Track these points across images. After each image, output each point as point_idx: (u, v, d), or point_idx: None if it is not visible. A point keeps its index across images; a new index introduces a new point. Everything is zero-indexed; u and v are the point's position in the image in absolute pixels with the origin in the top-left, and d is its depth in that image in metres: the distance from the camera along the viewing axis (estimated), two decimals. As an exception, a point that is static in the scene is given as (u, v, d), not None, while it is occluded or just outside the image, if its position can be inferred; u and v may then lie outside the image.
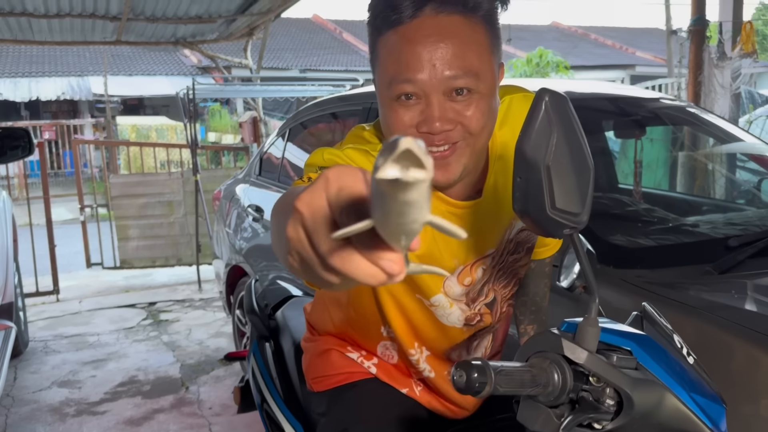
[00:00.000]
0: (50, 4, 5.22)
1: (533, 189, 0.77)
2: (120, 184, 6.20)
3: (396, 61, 0.93)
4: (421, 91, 0.93)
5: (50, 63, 16.39)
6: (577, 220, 0.79)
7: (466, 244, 1.10)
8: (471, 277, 1.14)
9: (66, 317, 4.99)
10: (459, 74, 0.93)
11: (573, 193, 0.77)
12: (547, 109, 0.76)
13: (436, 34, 0.92)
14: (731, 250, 1.83)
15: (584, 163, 0.78)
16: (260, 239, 3.40)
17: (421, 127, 0.94)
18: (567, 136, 0.77)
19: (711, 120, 2.80)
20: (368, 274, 0.45)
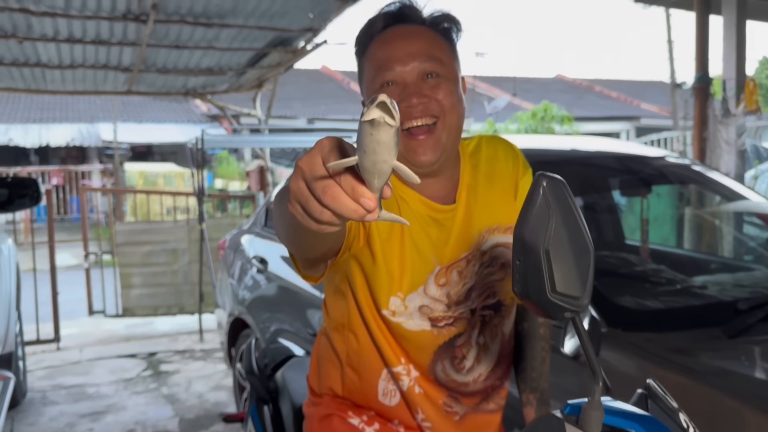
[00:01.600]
0: (64, 55, 5.34)
1: (533, 272, 0.76)
2: (125, 231, 6.22)
3: (376, 59, 1.17)
4: (399, 77, 1.15)
5: (61, 110, 16.67)
6: (578, 304, 0.78)
7: (442, 247, 1.21)
8: (446, 278, 1.22)
9: (66, 367, 4.94)
10: (426, 60, 1.15)
11: (573, 276, 0.77)
12: (545, 194, 0.76)
13: (404, 36, 1.17)
14: (741, 314, 1.80)
15: (584, 245, 0.78)
16: (263, 290, 3.38)
17: (401, 104, 1.12)
18: (565, 219, 0.76)
19: (716, 178, 2.80)
20: (350, 209, 0.62)
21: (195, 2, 4.26)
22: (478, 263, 1.25)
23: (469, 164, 1.28)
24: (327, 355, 1.37)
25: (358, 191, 0.61)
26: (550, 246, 0.75)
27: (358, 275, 1.20)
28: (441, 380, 1.26)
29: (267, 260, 3.36)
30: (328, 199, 0.62)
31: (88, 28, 4.68)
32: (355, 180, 0.62)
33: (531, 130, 10.62)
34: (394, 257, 1.18)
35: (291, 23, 4.83)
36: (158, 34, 4.81)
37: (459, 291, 1.23)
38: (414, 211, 1.20)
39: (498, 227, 1.27)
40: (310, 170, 0.65)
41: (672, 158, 3.05)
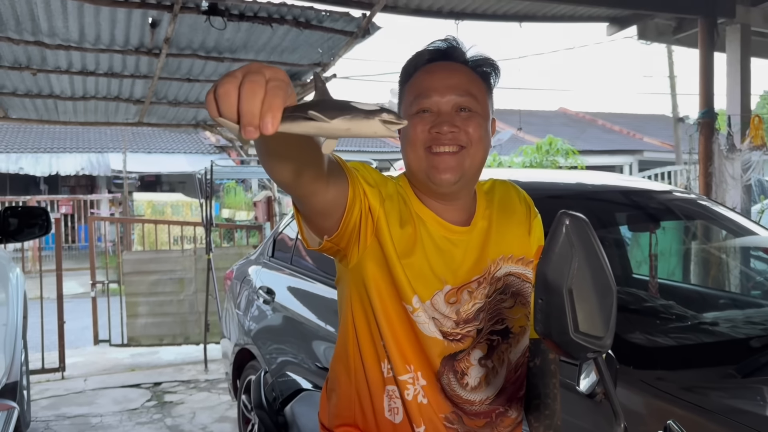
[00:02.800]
0: (77, 87, 5.42)
1: (555, 311, 0.76)
2: (132, 260, 6.24)
3: (417, 86, 1.24)
4: (435, 106, 1.22)
5: (72, 139, 16.83)
6: (600, 344, 0.78)
7: (456, 269, 1.26)
8: (456, 297, 1.26)
9: (70, 396, 4.91)
10: (462, 95, 1.22)
11: (596, 316, 0.77)
12: (567, 232, 0.77)
13: (446, 70, 1.25)
14: (754, 352, 1.78)
15: (607, 285, 0.78)
16: (270, 321, 3.37)
17: (433, 130, 1.20)
18: (588, 258, 0.77)
19: (723, 213, 2.80)
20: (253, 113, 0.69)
21: (207, 37, 4.34)
22: (491, 288, 1.29)
23: (485, 199, 1.35)
24: (334, 386, 1.39)
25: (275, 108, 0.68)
26: (573, 285, 0.75)
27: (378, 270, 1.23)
28: (447, 392, 1.28)
29: (274, 291, 3.36)
30: (246, 91, 0.68)
31: (101, 61, 4.76)
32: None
33: (536, 163, 10.66)
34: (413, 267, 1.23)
35: (301, 58, 4.91)
36: (170, 67, 4.89)
37: (468, 310, 1.27)
38: (430, 231, 1.25)
39: (512, 257, 1.32)
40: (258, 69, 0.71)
41: (678, 193, 3.06)
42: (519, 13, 5.50)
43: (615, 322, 0.79)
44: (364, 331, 1.29)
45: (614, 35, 5.50)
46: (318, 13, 4.14)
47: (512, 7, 5.38)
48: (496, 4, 5.31)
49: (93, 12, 3.91)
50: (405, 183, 1.30)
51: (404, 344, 1.27)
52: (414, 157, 1.23)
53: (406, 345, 1.27)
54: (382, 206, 1.20)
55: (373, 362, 1.30)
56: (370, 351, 1.29)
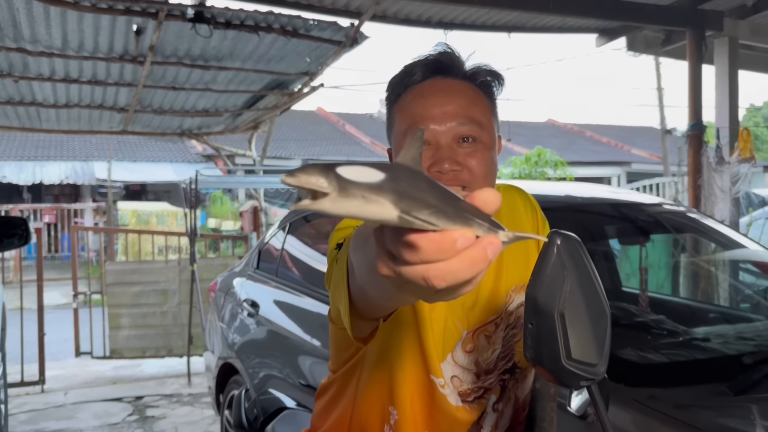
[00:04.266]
0: (60, 94, 5.34)
1: (546, 337, 0.71)
2: (115, 271, 6.14)
3: (410, 114, 1.07)
4: (433, 137, 1.05)
5: (56, 147, 16.67)
6: (594, 371, 0.73)
7: (468, 310, 1.12)
8: (473, 344, 1.13)
9: (49, 410, 4.80)
10: (465, 122, 1.05)
11: (589, 341, 0.72)
12: (559, 253, 0.72)
13: (444, 91, 1.07)
14: (746, 369, 1.75)
15: (600, 308, 0.73)
16: (254, 335, 3.31)
17: (432, 168, 1.04)
18: (581, 280, 0.72)
19: (712, 226, 2.78)
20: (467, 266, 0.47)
21: (193, 45, 4.29)
22: (503, 324, 1.16)
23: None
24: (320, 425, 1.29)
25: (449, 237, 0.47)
26: (565, 309, 0.70)
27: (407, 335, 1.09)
28: None
29: (258, 304, 3.30)
30: (437, 281, 0.48)
31: (84, 68, 4.69)
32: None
33: (525, 175, 10.67)
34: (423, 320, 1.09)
35: (288, 67, 4.86)
36: (155, 75, 4.82)
37: (488, 358, 1.14)
38: None
39: (524, 285, 1.20)
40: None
41: (667, 205, 3.04)
42: (508, 24, 5.49)
43: (609, 347, 0.73)
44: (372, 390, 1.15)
45: (603, 47, 5.51)
46: (306, 22, 4.10)
47: (501, 17, 5.38)
48: (486, 14, 5.30)
49: (76, 18, 3.85)
50: None
51: (421, 418, 1.13)
52: None
53: (423, 419, 1.13)
54: None
55: (375, 421, 1.16)
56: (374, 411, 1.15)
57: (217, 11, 3.89)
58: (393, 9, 5.21)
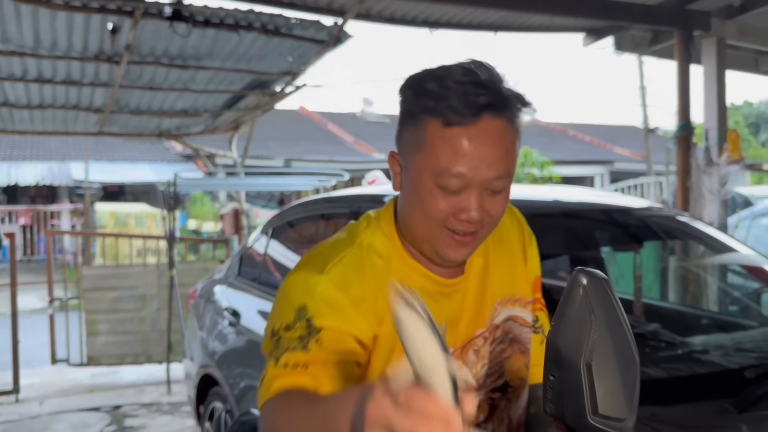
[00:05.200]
0: (33, 95, 5.19)
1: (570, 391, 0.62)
2: (93, 276, 5.98)
3: (452, 156, 0.98)
4: (466, 184, 0.99)
5: (32, 148, 16.35)
6: (622, 426, 0.64)
7: (454, 326, 1.09)
8: (462, 360, 1.10)
9: (23, 422, 4.65)
10: (502, 175, 1.00)
11: (618, 394, 0.63)
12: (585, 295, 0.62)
13: (490, 138, 0.98)
14: (749, 383, 1.69)
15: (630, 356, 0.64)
16: (235, 344, 3.21)
17: (459, 215, 1.00)
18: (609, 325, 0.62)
19: (702, 229, 2.73)
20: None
21: (171, 44, 4.17)
22: (491, 338, 1.14)
23: None
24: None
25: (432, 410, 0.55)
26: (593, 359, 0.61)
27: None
28: None
29: (240, 313, 3.20)
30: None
31: (58, 69, 4.55)
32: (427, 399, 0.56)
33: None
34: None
35: (269, 66, 4.75)
36: (132, 75, 4.70)
37: (478, 373, 1.12)
38: (421, 286, 1.05)
39: (510, 298, 1.17)
40: (384, 417, 0.59)
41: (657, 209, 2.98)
42: (494, 23, 5.42)
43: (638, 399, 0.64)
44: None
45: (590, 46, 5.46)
46: (287, 20, 4.00)
47: (487, 17, 5.30)
48: (471, 13, 5.22)
49: (49, 17, 3.72)
50: (390, 225, 1.11)
51: None
52: (425, 228, 1.03)
53: None
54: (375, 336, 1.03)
55: None
56: None
57: (196, 9, 3.77)
58: (377, 8, 5.11)
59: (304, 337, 0.96)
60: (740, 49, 5.37)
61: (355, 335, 0.99)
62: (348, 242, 1.08)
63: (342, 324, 0.98)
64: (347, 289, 1.01)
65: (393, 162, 1.09)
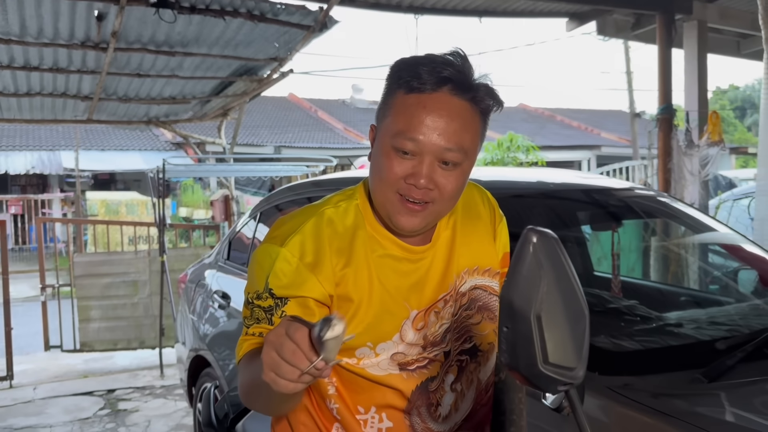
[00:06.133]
0: (20, 83, 5.18)
1: (522, 341, 0.68)
2: (84, 263, 6.02)
3: (408, 120, 1.08)
4: (419, 150, 1.08)
5: (21, 137, 16.25)
6: (572, 375, 0.70)
7: (419, 291, 1.18)
8: (424, 321, 1.19)
9: (18, 406, 4.70)
10: (453, 148, 1.08)
11: (567, 344, 0.69)
12: (535, 252, 0.68)
13: (446, 110, 1.07)
14: (719, 355, 1.75)
15: (579, 309, 0.70)
16: (225, 327, 3.26)
17: (409, 179, 1.09)
18: (558, 280, 0.68)
19: (682, 209, 2.79)
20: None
21: (157, 30, 4.17)
22: (456, 304, 1.22)
23: None
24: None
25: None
26: (542, 311, 0.67)
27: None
28: (416, 429, 1.21)
29: (230, 295, 3.25)
30: (295, 360, 0.86)
31: (45, 56, 4.55)
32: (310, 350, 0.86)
33: (497, 160, 10.69)
34: (368, 313, 1.15)
35: (256, 52, 4.77)
36: (119, 62, 4.70)
37: (435, 332, 1.21)
38: (389, 253, 1.17)
39: (477, 269, 1.25)
40: (278, 341, 0.87)
41: (638, 190, 3.04)
42: (479, 8, 5.45)
43: (588, 350, 0.70)
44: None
45: (573, 31, 5.50)
46: (273, 6, 4.01)
47: (472, 2, 5.33)
48: (456, -2, 5.26)
49: (34, 4, 3.72)
50: (363, 197, 1.20)
51: (355, 389, 1.20)
52: (380, 192, 1.13)
53: (357, 390, 1.20)
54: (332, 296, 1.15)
55: (318, 397, 1.24)
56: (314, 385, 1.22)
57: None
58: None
59: (271, 308, 1.10)
60: (722, 33, 5.42)
61: (313, 297, 1.11)
62: (310, 214, 1.18)
63: (299, 290, 1.10)
64: (304, 258, 1.12)
65: (370, 134, 1.19)
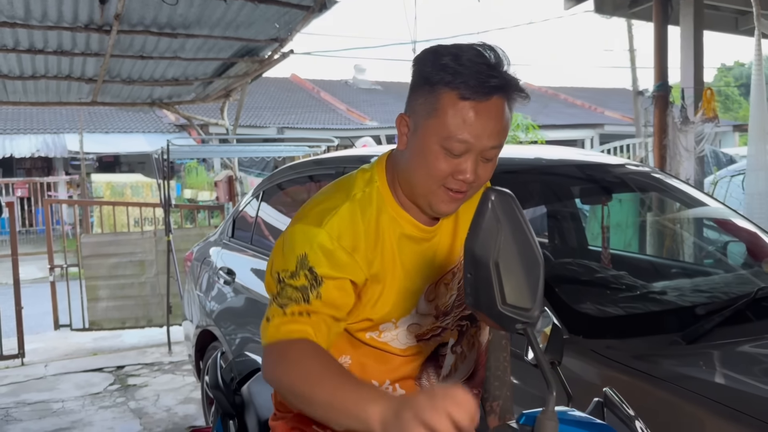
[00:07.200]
0: (25, 66, 5.25)
1: (483, 285, 0.78)
2: (91, 243, 6.11)
3: (460, 125, 1.14)
4: (468, 150, 1.16)
5: (26, 120, 16.32)
6: (529, 315, 0.79)
7: (431, 265, 1.28)
8: (435, 293, 1.29)
9: (30, 382, 4.83)
10: (497, 145, 1.18)
11: (523, 288, 0.78)
12: (493, 207, 0.78)
13: (494, 114, 1.16)
14: (699, 319, 1.84)
15: (533, 258, 0.79)
16: (231, 302, 3.35)
17: (457, 176, 1.17)
18: (514, 233, 0.78)
19: (675, 185, 2.86)
20: None
21: (159, 13, 4.23)
22: (459, 274, 1.32)
23: None
24: None
25: None
26: (500, 259, 0.76)
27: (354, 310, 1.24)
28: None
29: (234, 272, 3.34)
30: None
31: (49, 39, 4.62)
32: None
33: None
34: (392, 291, 1.24)
35: (257, 33, 4.82)
36: (122, 44, 4.76)
37: (446, 302, 1.30)
38: (406, 233, 1.26)
39: None
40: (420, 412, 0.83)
41: (632, 166, 3.11)
42: (478, -13, 5.47)
43: (543, 293, 0.80)
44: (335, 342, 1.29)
45: (572, 9, 5.52)
46: (273, -13, 4.07)
47: (471, -19, 5.35)
48: (455, -22, 5.27)
49: (38, -13, 3.78)
50: (382, 177, 1.27)
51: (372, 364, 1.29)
52: (425, 185, 1.19)
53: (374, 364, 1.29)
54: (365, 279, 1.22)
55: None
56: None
57: (183, -22, 3.84)
58: (362, -27, 5.17)
59: (306, 287, 1.15)
60: (720, 9, 5.43)
61: (349, 278, 1.18)
62: (344, 196, 1.24)
63: (338, 271, 1.17)
64: (341, 241, 1.18)
65: (402, 123, 1.23)
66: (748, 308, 1.87)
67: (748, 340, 1.80)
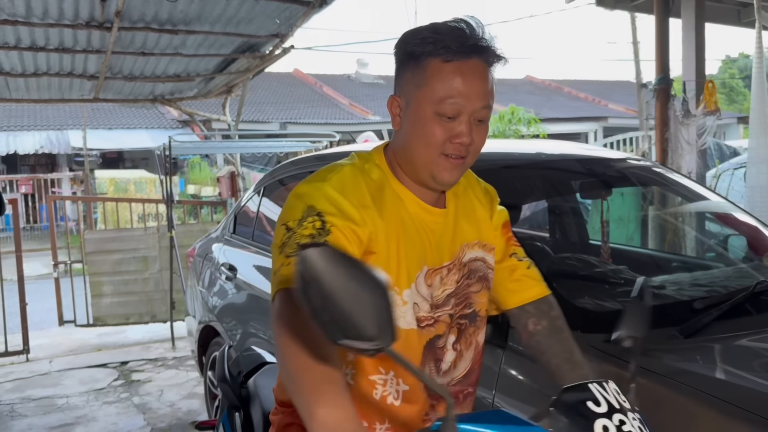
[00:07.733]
0: (27, 63, 5.26)
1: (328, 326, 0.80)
2: (95, 240, 6.14)
3: (449, 86, 1.20)
4: (460, 112, 1.21)
5: (29, 117, 16.36)
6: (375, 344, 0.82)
7: (430, 250, 1.30)
8: (431, 281, 1.30)
9: (35, 378, 4.86)
10: (486, 105, 1.23)
11: (370, 317, 0.80)
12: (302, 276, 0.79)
13: (478, 74, 1.22)
14: (696, 313, 1.84)
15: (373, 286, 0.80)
16: (233, 298, 3.37)
17: (454, 139, 1.22)
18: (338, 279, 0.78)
19: (676, 179, 2.85)
20: None
21: (160, 9, 4.24)
22: (459, 274, 1.34)
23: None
24: None
25: None
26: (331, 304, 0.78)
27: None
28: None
29: (236, 268, 3.36)
30: None
31: (51, 36, 4.63)
32: None
33: (499, 133, 10.70)
34: (392, 256, 1.25)
35: (258, 29, 4.82)
36: (123, 41, 4.77)
37: (439, 295, 1.31)
38: (409, 212, 1.28)
39: (477, 242, 1.38)
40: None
41: (633, 160, 3.10)
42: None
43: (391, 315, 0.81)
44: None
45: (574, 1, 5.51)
46: (273, -17, 4.07)
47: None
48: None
49: (39, -15, 3.79)
50: (382, 161, 1.31)
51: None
52: (424, 155, 1.23)
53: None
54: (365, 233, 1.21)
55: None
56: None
57: (183, -26, 3.85)
58: (363, -32, 5.16)
59: (314, 235, 1.13)
60: (722, 1, 5.41)
61: (355, 229, 1.18)
62: (345, 163, 1.29)
63: (344, 220, 1.17)
64: (346, 194, 1.20)
65: (393, 104, 1.29)
66: (746, 302, 1.87)
67: (746, 334, 1.81)
